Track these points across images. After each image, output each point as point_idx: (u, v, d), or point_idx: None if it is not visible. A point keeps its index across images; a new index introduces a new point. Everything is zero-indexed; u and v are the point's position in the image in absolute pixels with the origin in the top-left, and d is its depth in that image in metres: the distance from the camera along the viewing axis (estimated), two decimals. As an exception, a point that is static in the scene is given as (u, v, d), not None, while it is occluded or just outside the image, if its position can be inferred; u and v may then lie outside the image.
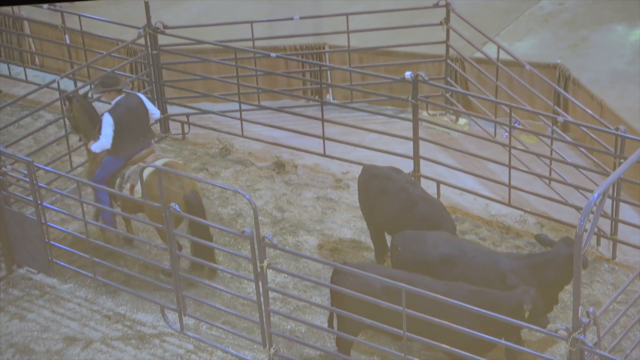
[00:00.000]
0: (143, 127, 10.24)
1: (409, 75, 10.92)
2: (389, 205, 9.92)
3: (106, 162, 10.17)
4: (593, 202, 7.19)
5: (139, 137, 10.17)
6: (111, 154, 10.12)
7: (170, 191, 9.60)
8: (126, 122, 10.06)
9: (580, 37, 13.57)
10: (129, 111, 10.11)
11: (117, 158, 10.13)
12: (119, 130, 10.02)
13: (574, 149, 11.82)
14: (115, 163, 10.15)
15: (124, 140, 10.06)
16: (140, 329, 9.82)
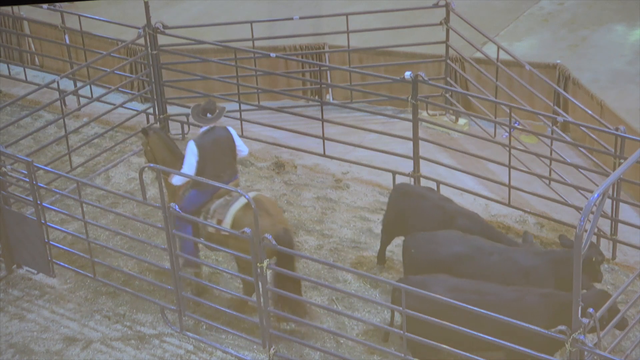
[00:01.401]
0: (228, 161, 9.63)
1: (409, 75, 10.92)
2: (424, 223, 9.80)
3: (190, 196, 9.54)
4: (593, 202, 7.19)
5: (223, 171, 9.57)
6: (195, 187, 9.50)
7: (261, 227, 8.91)
8: (210, 153, 9.44)
9: (580, 37, 13.57)
10: (215, 142, 9.49)
11: (201, 192, 9.48)
12: (202, 161, 9.41)
13: (573, 149, 11.82)
14: (200, 197, 9.51)
15: (206, 173, 9.39)
16: (140, 329, 9.82)
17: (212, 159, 9.46)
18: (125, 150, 12.72)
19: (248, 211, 9.10)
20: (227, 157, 9.60)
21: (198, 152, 9.40)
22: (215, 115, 9.54)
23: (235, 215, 9.25)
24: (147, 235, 11.01)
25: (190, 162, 9.42)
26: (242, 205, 9.26)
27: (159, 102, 12.73)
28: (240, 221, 9.19)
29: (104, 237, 11.02)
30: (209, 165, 9.45)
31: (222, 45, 12.36)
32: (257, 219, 8.59)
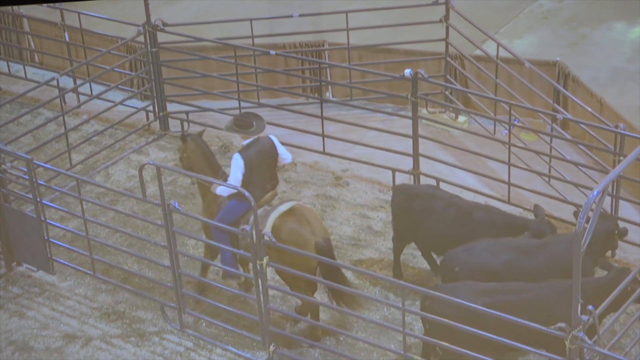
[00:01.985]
0: (271, 172, 9.46)
1: (409, 72, 10.93)
2: (439, 223, 9.77)
3: (230, 206, 9.35)
4: (592, 200, 7.19)
5: (267, 182, 9.41)
6: (235, 198, 9.28)
7: (301, 236, 8.97)
8: (256, 165, 9.27)
9: (580, 35, 13.57)
10: (260, 154, 9.31)
11: (241, 203, 9.23)
12: (248, 173, 9.23)
13: (573, 146, 11.83)
14: (240, 208, 9.29)
15: (251, 184, 9.20)
16: (139, 326, 9.82)
17: (257, 171, 9.26)
18: (125, 148, 12.73)
19: (287, 219, 9.02)
20: (271, 168, 9.43)
21: (244, 164, 9.18)
22: (258, 127, 9.30)
23: (274, 223, 9.06)
24: (146, 232, 11.01)
25: (236, 175, 9.20)
26: (281, 213, 9.10)
27: (158, 100, 12.73)
28: (279, 229, 9.01)
29: (104, 235, 11.02)
30: (255, 177, 9.25)
31: (221, 42, 12.36)
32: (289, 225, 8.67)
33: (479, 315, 8.10)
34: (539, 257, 8.95)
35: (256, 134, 9.29)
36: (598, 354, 7.80)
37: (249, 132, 9.28)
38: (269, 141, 9.43)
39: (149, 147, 12.74)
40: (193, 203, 11.54)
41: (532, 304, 8.30)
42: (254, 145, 9.31)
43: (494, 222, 9.57)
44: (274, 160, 9.46)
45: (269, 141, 9.43)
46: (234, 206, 9.31)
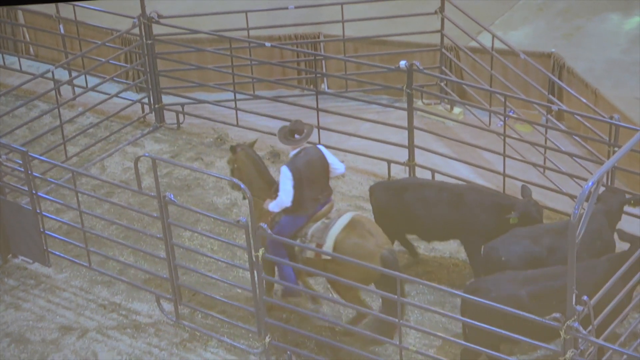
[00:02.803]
0: (323, 182, 9.13)
1: (404, 64, 10.93)
2: (435, 210, 9.80)
3: (284, 222, 9.06)
4: (587, 191, 7.21)
5: (319, 194, 9.09)
6: (289, 213, 9.01)
7: (365, 249, 8.73)
8: (306, 177, 8.93)
9: (575, 26, 13.57)
10: (309, 164, 8.96)
11: (296, 217, 9.03)
12: (298, 185, 8.91)
13: (568, 137, 11.84)
14: (295, 222, 9.04)
15: (303, 197, 8.95)
16: (135, 318, 9.83)
17: (308, 182, 8.95)
18: (120, 140, 12.73)
19: (350, 233, 8.81)
20: (322, 178, 9.09)
21: (293, 176, 8.87)
22: (304, 136, 9.03)
23: (337, 238, 8.81)
24: (142, 224, 11.02)
25: (286, 188, 8.88)
26: (342, 227, 8.86)
27: (153, 92, 12.72)
28: (343, 244, 8.78)
29: (100, 227, 11.03)
30: (306, 188, 8.95)
31: (217, 34, 12.36)
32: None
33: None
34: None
35: (302, 143, 9.00)
36: (593, 344, 7.83)
37: (294, 142, 9.00)
38: (317, 151, 9.08)
39: (144, 139, 12.74)
40: (189, 195, 11.55)
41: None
42: (302, 155, 8.98)
43: (483, 202, 9.68)
44: (324, 171, 9.10)
45: (317, 151, 9.08)
46: (289, 221, 9.05)
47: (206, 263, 10.37)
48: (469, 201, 9.75)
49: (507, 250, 9.01)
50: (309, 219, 9.07)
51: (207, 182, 11.77)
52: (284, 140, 9.07)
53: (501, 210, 9.61)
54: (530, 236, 9.09)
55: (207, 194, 11.57)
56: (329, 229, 8.91)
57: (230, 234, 10.79)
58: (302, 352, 9.15)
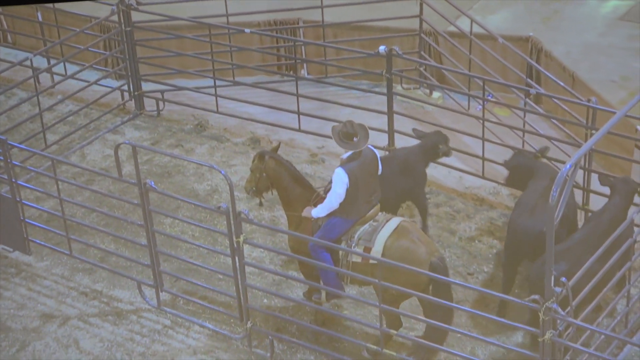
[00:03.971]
0: (375, 184, 8.84)
1: (383, 49, 10.97)
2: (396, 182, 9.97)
3: (332, 224, 8.71)
4: (565, 173, 7.27)
5: (371, 196, 8.80)
6: (339, 215, 8.68)
7: (416, 255, 8.46)
8: (361, 180, 8.62)
9: (553, 10, 13.64)
10: (363, 166, 8.65)
11: (346, 220, 8.70)
12: (353, 188, 8.58)
13: (546, 120, 11.92)
14: (344, 225, 8.71)
15: (357, 200, 8.64)
16: (117, 305, 9.84)
17: (363, 184, 8.66)
18: (100, 128, 12.70)
19: (400, 238, 8.54)
20: (374, 180, 8.84)
21: (349, 179, 8.54)
22: (362, 138, 8.63)
23: (386, 243, 8.54)
24: (123, 211, 11.02)
25: (339, 191, 8.56)
26: (392, 231, 8.60)
27: (133, 79, 12.69)
28: (392, 249, 8.51)
29: (80, 215, 11.02)
30: (361, 191, 8.65)
31: (196, 21, 12.33)
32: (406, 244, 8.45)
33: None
34: (604, 219, 9.00)
35: (354, 148, 8.62)
36: (571, 325, 7.92)
37: (350, 144, 8.61)
38: (371, 153, 8.79)
39: (124, 126, 12.72)
40: (169, 182, 11.56)
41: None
42: (356, 157, 8.64)
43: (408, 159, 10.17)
44: (376, 172, 8.87)
45: (371, 153, 8.79)
46: (337, 223, 8.71)
47: (187, 249, 10.40)
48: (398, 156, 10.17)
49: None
50: (356, 222, 8.78)
51: (188, 169, 11.78)
52: (342, 144, 8.63)
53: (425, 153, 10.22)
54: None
55: (188, 180, 11.58)
56: (378, 232, 8.61)
57: (211, 221, 10.81)
58: (283, 337, 9.20)
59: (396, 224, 8.63)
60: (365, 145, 8.65)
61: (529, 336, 8.94)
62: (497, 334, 9.21)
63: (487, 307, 9.50)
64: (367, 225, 8.72)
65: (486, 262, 10.13)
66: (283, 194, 9.10)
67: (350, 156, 8.66)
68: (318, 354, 9.08)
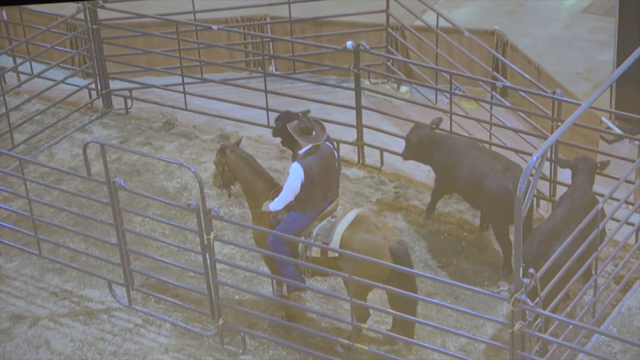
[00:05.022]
0: (332, 180, 8.94)
1: (351, 44, 11.01)
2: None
3: (290, 219, 8.81)
4: (532, 165, 7.35)
5: (328, 191, 8.85)
6: (296, 210, 8.78)
7: (374, 243, 8.52)
8: (318, 175, 8.69)
9: (517, 3, 13.74)
10: (321, 161, 8.73)
11: (304, 215, 8.78)
12: (309, 183, 8.65)
13: (513, 113, 12.03)
14: (302, 221, 8.78)
15: (313, 195, 8.71)
16: (87, 304, 9.81)
17: (320, 179, 8.72)
18: (68, 127, 12.63)
19: (356, 229, 8.61)
20: (332, 176, 8.92)
21: (305, 174, 8.62)
22: (320, 132, 8.72)
23: (343, 236, 8.61)
24: (92, 211, 10.97)
25: (293, 185, 8.65)
26: (348, 224, 8.65)
27: (100, 77, 12.64)
28: (350, 241, 8.59)
29: (49, 214, 10.96)
30: (317, 185, 8.71)
31: (163, 18, 12.30)
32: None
33: None
34: (577, 196, 9.20)
35: (314, 142, 8.70)
36: (540, 316, 8.01)
37: (307, 138, 8.70)
38: (328, 149, 8.87)
39: (92, 125, 12.66)
40: (139, 180, 11.52)
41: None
42: (313, 152, 8.71)
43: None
44: (334, 167, 8.98)
45: (328, 149, 8.87)
46: (295, 219, 8.80)
47: (158, 247, 10.38)
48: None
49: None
50: (315, 218, 8.83)
51: (157, 167, 11.75)
52: (301, 139, 8.70)
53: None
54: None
55: (157, 178, 11.56)
56: (335, 226, 8.67)
57: (181, 218, 10.79)
58: (255, 333, 9.22)
59: (353, 216, 8.72)
60: (323, 138, 8.73)
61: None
62: (468, 326, 9.29)
63: (458, 300, 9.58)
64: (325, 222, 8.79)
65: (456, 255, 10.21)
66: (245, 187, 9.21)
67: (307, 151, 8.73)
68: (290, 350, 9.11)
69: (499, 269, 9.95)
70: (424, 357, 8.93)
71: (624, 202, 8.96)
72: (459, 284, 8.50)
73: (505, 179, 9.64)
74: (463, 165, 10.01)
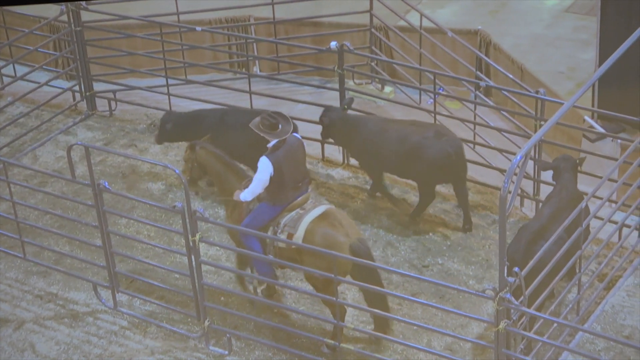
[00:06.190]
0: (303, 171, 9.10)
1: (334, 45, 11.04)
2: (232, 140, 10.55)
3: (260, 210, 8.96)
4: (516, 164, 7.39)
5: (298, 184, 9.00)
6: (267, 201, 8.94)
7: (334, 239, 8.65)
8: (286, 167, 8.84)
9: (500, 3, 13.80)
10: (289, 153, 8.87)
11: (273, 206, 8.94)
12: (278, 175, 8.81)
13: (496, 112, 12.09)
14: (271, 211, 8.94)
15: (283, 186, 8.86)
16: (73, 307, 9.79)
17: (288, 171, 8.86)
18: (52, 129, 12.60)
19: (320, 223, 8.75)
20: (302, 167, 9.08)
21: (273, 167, 8.77)
22: (285, 126, 8.86)
23: (307, 228, 8.76)
24: (77, 213, 10.95)
25: (262, 177, 8.80)
26: (314, 217, 8.82)
27: (84, 79, 12.61)
28: (313, 234, 8.73)
29: (33, 217, 10.92)
30: (287, 177, 8.86)
31: (147, 20, 12.29)
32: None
33: None
34: (564, 196, 9.25)
35: (281, 136, 8.84)
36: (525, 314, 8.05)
37: (274, 133, 8.83)
38: (296, 140, 9.03)
39: (76, 127, 12.63)
40: (123, 182, 11.50)
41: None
42: (281, 145, 8.85)
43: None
44: (303, 160, 9.13)
45: (296, 140, 9.03)
46: (264, 209, 8.96)
47: (143, 249, 10.37)
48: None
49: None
50: (284, 209, 8.96)
51: (142, 169, 11.73)
52: (267, 135, 8.83)
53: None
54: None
55: (142, 180, 11.54)
56: (302, 218, 8.83)
57: (166, 220, 10.78)
58: (241, 335, 9.22)
59: (322, 210, 8.89)
60: (289, 131, 8.87)
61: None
62: (454, 325, 9.32)
63: (443, 299, 9.61)
64: (294, 213, 8.95)
65: (441, 255, 10.24)
66: (216, 181, 9.36)
67: (275, 145, 8.88)
68: (276, 350, 9.12)
69: (484, 268, 9.99)
70: (409, 357, 8.96)
71: (607, 200, 9.01)
72: (444, 284, 8.55)
73: (442, 143, 9.99)
74: (388, 140, 10.21)
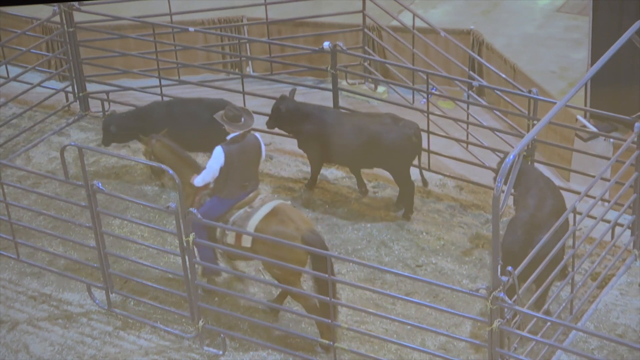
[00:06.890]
0: (253, 171, 9.20)
1: (327, 45, 11.06)
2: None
3: (211, 203, 9.14)
4: (509, 164, 7.42)
5: (247, 181, 9.11)
6: (217, 194, 9.12)
7: (285, 235, 8.76)
8: (238, 162, 8.97)
9: (493, 3, 13.84)
10: (243, 150, 9.00)
11: (222, 200, 9.08)
12: (228, 168, 8.96)
13: (489, 112, 12.12)
14: (221, 206, 9.09)
15: (230, 181, 9.00)
16: (67, 308, 9.78)
17: (239, 167, 8.99)
18: (45, 130, 12.59)
19: (269, 221, 8.86)
20: (253, 167, 9.18)
21: (225, 158, 8.91)
22: (248, 119, 9.02)
23: (257, 227, 8.88)
24: (70, 214, 10.94)
25: (212, 166, 8.97)
26: (263, 216, 8.92)
27: (77, 80, 12.60)
28: (263, 233, 8.83)
29: (27, 218, 10.91)
30: (236, 173, 8.99)
31: (139, 21, 12.29)
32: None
33: None
34: (542, 185, 9.32)
35: (242, 129, 8.96)
36: (519, 313, 8.07)
37: (235, 125, 8.95)
38: (254, 139, 9.13)
39: (69, 128, 12.62)
40: (117, 183, 11.50)
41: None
42: (238, 141, 8.99)
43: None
44: (257, 159, 9.20)
45: (254, 139, 9.13)
46: (216, 204, 9.11)
47: (137, 250, 10.36)
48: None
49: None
50: (233, 206, 9.11)
51: (135, 169, 11.73)
52: (230, 126, 8.96)
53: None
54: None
55: (136, 181, 11.54)
56: (250, 217, 8.95)
57: (160, 220, 10.78)
58: (235, 335, 9.23)
59: (270, 208, 8.99)
60: (251, 125, 9.02)
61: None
62: (447, 324, 9.34)
63: (436, 298, 9.63)
64: (242, 211, 9.06)
65: (434, 254, 10.26)
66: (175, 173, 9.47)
67: (233, 138, 9.01)
68: (270, 350, 9.13)
69: (477, 267, 10.01)
70: (403, 356, 8.98)
71: (600, 199, 9.04)
72: (438, 283, 8.57)
73: (401, 128, 10.23)
74: (344, 131, 10.34)
